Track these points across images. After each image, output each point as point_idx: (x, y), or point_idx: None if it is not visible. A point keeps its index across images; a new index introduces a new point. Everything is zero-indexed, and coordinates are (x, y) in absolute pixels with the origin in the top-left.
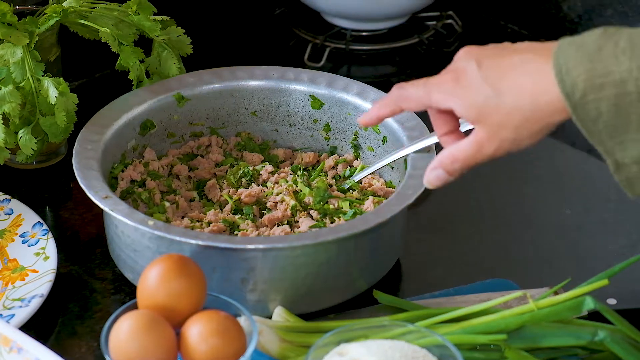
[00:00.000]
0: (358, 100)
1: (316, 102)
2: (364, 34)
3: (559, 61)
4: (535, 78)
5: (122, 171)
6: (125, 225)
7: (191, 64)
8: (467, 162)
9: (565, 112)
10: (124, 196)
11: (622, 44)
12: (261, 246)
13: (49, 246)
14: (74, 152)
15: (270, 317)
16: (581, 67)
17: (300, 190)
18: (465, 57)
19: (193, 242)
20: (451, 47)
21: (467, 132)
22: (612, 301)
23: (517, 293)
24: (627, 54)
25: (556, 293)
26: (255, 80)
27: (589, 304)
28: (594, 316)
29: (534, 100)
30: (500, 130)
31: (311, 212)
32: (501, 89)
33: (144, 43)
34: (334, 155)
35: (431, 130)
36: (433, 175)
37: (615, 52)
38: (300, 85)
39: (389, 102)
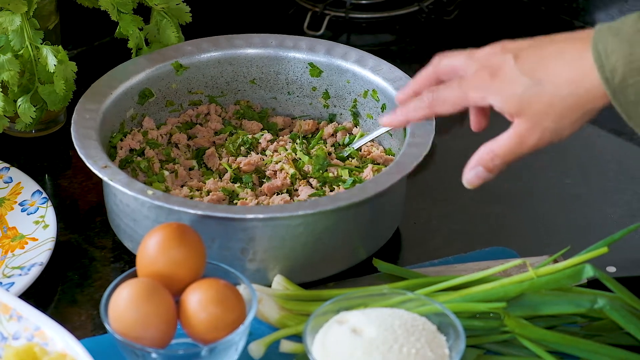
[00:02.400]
0: (357, 68)
1: (315, 70)
2: (363, 2)
3: (597, 47)
4: (574, 66)
5: (121, 140)
6: (124, 195)
7: (190, 32)
8: (508, 156)
9: (606, 98)
10: (123, 165)
11: None
12: (260, 216)
13: (49, 214)
14: (72, 121)
15: (269, 286)
16: (620, 51)
17: (300, 159)
18: (501, 52)
19: (192, 211)
20: (451, 15)
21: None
22: (611, 269)
23: (517, 261)
24: None
25: (556, 261)
26: (253, 48)
27: (589, 272)
28: (594, 284)
29: (574, 87)
30: (542, 120)
31: (310, 180)
32: (541, 78)
33: (143, 11)
34: (333, 123)
35: None
36: (472, 174)
37: None
38: (299, 53)
39: (422, 106)
